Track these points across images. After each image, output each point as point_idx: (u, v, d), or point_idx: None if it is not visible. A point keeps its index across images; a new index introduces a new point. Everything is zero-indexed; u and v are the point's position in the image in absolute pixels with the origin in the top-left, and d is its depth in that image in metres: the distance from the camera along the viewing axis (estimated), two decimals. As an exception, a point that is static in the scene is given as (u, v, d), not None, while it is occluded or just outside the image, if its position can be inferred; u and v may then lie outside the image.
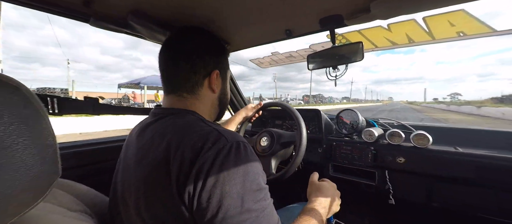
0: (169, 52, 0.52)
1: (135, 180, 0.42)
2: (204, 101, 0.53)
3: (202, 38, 0.54)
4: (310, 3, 0.61)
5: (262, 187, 0.40)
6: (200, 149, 0.38)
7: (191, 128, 0.42)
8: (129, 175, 0.45)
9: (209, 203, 0.35)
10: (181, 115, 0.47)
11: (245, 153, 0.40)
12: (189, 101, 0.51)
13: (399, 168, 0.91)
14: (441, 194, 0.84)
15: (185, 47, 0.51)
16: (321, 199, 0.59)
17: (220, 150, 0.38)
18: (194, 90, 0.51)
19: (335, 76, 0.84)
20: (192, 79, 0.50)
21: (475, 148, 0.86)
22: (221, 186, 0.36)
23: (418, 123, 1.14)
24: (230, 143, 0.39)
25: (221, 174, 0.36)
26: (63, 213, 0.37)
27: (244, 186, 0.37)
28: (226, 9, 0.63)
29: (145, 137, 0.47)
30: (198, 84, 0.51)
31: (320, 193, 0.62)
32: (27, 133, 0.24)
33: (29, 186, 0.24)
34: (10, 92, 0.23)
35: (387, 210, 1.11)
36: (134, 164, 0.44)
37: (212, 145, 0.38)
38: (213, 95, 0.55)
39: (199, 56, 0.51)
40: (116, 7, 0.62)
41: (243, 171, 0.38)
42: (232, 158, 0.38)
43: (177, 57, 0.50)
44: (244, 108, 1.01)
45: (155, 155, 0.41)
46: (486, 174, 0.75)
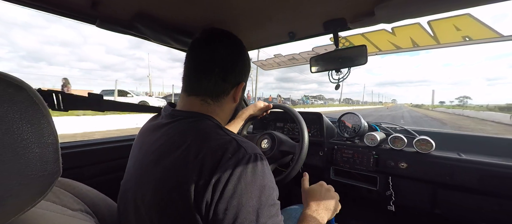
0: (202, 53, 0.50)
1: (152, 180, 0.42)
2: (224, 109, 0.53)
3: (239, 49, 0.53)
4: (314, 6, 0.61)
5: (276, 202, 0.40)
6: (220, 157, 0.38)
7: (211, 135, 0.42)
8: (143, 175, 0.44)
9: (225, 214, 0.35)
10: (201, 120, 0.47)
11: (262, 166, 0.40)
12: (211, 107, 0.50)
13: (401, 174, 0.90)
14: (443, 201, 0.83)
15: (223, 53, 0.50)
16: (313, 205, 0.59)
17: (239, 160, 0.38)
18: (219, 97, 0.51)
19: (338, 79, 0.84)
20: (221, 87, 0.50)
21: (479, 155, 0.84)
22: (238, 197, 0.36)
23: (421, 128, 1.13)
24: (249, 155, 0.39)
25: (239, 185, 0.36)
26: (63, 212, 0.38)
27: (260, 200, 0.37)
28: (230, 12, 0.64)
29: (163, 137, 0.46)
30: (225, 93, 0.51)
31: (311, 198, 0.61)
32: (29, 131, 0.24)
33: (30, 184, 0.24)
34: (13, 90, 0.24)
35: (388, 216, 1.09)
36: (151, 164, 0.44)
37: (231, 155, 0.38)
38: (233, 105, 0.55)
39: (233, 65, 0.51)
40: (122, 9, 0.63)
41: (260, 184, 0.38)
42: (250, 170, 0.38)
43: (212, 62, 0.49)
44: (252, 105, 0.98)
45: (174, 158, 0.40)
46: (490, 182, 0.74)
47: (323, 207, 0.59)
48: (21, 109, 0.23)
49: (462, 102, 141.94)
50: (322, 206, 0.59)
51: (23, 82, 0.25)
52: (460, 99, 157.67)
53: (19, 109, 0.23)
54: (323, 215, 0.57)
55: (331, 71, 0.84)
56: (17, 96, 0.24)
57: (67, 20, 7.10)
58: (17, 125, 0.23)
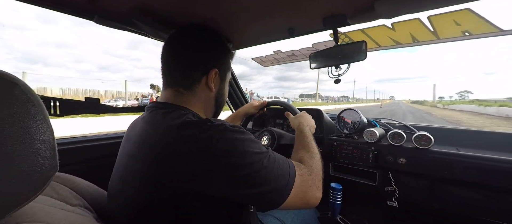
0: (171, 46, 0.53)
1: (135, 175, 0.43)
2: (200, 98, 0.53)
3: (205, 36, 0.55)
4: (314, 2, 0.61)
5: (254, 151, 0.45)
6: (192, 136, 0.40)
7: (181, 120, 0.43)
8: (127, 170, 0.45)
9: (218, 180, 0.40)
10: (172, 110, 0.47)
11: (230, 132, 0.44)
12: (185, 97, 0.51)
13: (400, 169, 0.90)
14: (442, 196, 0.83)
15: (186, 43, 0.52)
16: (299, 125, 0.76)
17: (210, 133, 0.41)
18: (191, 86, 0.52)
19: (338, 75, 0.84)
20: (190, 75, 0.51)
21: (477, 150, 0.85)
22: (224, 163, 0.40)
23: (420, 123, 1.13)
24: (216, 124, 0.43)
25: (222, 153, 0.40)
26: (62, 207, 0.38)
27: (241, 155, 0.42)
28: (229, 8, 0.63)
29: (140, 131, 0.47)
30: (196, 81, 0.52)
31: (297, 121, 0.79)
32: (25, 128, 0.24)
33: (27, 179, 0.24)
34: (8, 87, 0.23)
35: (387, 211, 1.10)
36: (131, 160, 0.45)
37: (203, 130, 0.41)
38: (210, 94, 0.55)
39: (200, 53, 0.52)
40: (120, 5, 0.62)
41: (232, 146, 0.43)
42: (224, 136, 0.42)
43: (178, 52, 0.51)
44: (248, 104, 1.00)
45: (151, 148, 0.41)
46: (488, 176, 0.74)
47: (306, 124, 0.78)
48: (16, 105, 0.23)
49: (463, 97, 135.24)
50: (308, 123, 0.80)
51: (17, 78, 0.25)
52: (461, 94, 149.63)
53: (14, 105, 0.23)
54: (311, 129, 0.78)
55: (330, 67, 0.84)
56: (12, 93, 0.23)
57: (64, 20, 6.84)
58: (13, 121, 0.23)
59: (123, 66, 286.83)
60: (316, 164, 0.56)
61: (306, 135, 0.69)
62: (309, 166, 0.54)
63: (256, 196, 0.40)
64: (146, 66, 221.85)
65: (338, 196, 0.95)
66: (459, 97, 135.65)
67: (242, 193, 0.40)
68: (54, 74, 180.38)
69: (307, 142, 0.65)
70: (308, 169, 0.52)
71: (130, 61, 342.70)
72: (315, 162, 0.56)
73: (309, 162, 0.55)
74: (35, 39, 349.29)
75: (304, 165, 0.53)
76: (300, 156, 0.58)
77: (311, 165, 0.54)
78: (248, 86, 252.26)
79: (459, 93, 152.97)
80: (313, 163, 0.55)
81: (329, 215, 0.99)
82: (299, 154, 0.60)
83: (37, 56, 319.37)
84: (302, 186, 0.46)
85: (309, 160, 0.56)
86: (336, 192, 0.95)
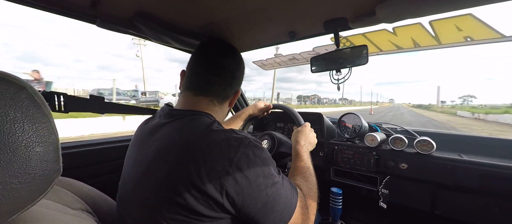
0: (218, 59, 0.56)
1: (155, 179, 0.42)
2: (223, 111, 0.60)
3: (242, 61, 0.61)
4: (315, 6, 0.61)
5: (273, 174, 0.49)
6: (227, 148, 0.43)
7: (212, 129, 0.46)
8: (144, 175, 0.45)
9: (241, 195, 0.42)
10: (200, 117, 0.50)
11: (258, 149, 0.47)
12: (215, 108, 0.56)
13: (401, 174, 0.89)
14: (443, 202, 0.82)
15: (232, 63, 0.57)
16: (300, 140, 0.75)
17: (244, 147, 0.44)
18: (223, 100, 0.57)
19: (338, 79, 0.84)
20: (227, 92, 0.57)
21: (480, 156, 0.84)
22: (249, 180, 0.43)
23: (422, 129, 1.13)
24: (248, 140, 0.46)
25: (249, 169, 0.43)
26: (64, 211, 0.38)
27: (264, 174, 0.45)
28: (231, 12, 0.63)
29: (162, 136, 0.47)
30: (227, 97, 0.58)
31: (299, 136, 0.77)
32: (30, 131, 0.24)
33: (30, 183, 0.24)
34: (16, 91, 0.24)
35: (389, 217, 1.09)
36: (152, 164, 0.44)
37: (237, 144, 0.44)
38: (227, 109, 0.62)
39: (238, 75, 0.59)
40: (122, 9, 0.63)
41: (261, 163, 0.46)
42: (252, 153, 0.45)
43: (226, 69, 0.56)
44: (252, 105, 0.99)
45: (177, 154, 0.42)
46: (491, 182, 0.74)
47: (308, 142, 0.77)
48: (22, 108, 0.24)
49: (466, 102, 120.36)
50: (307, 141, 0.77)
51: (24, 81, 0.25)
52: (464, 99, 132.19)
53: (20, 108, 0.23)
54: (309, 147, 0.77)
55: (332, 71, 0.84)
56: (18, 96, 0.24)
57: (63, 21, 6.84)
58: (18, 124, 0.23)
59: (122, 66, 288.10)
60: (313, 195, 0.57)
61: (303, 159, 0.68)
62: (307, 197, 0.55)
63: (257, 217, 0.43)
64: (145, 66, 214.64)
65: (338, 201, 0.95)
66: (462, 102, 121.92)
67: (246, 211, 0.42)
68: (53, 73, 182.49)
69: (304, 170, 0.65)
70: (305, 201, 0.53)
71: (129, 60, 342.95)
72: (312, 194, 0.57)
73: (307, 192, 0.56)
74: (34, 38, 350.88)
75: (303, 196, 0.54)
76: (298, 185, 0.58)
77: (309, 196, 0.55)
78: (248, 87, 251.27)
79: (462, 97, 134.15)
80: (311, 194, 0.57)
81: (330, 220, 0.98)
82: (297, 182, 0.60)
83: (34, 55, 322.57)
84: (299, 217, 0.48)
85: (307, 190, 0.57)
86: (336, 197, 0.95)
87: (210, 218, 0.41)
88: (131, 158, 0.52)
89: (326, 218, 1.00)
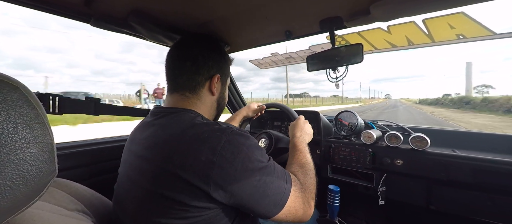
0: (177, 52, 0.57)
1: (145, 177, 0.44)
2: (204, 101, 0.57)
3: (209, 45, 0.59)
4: (310, 5, 0.61)
5: (263, 159, 0.49)
6: (209, 139, 0.43)
7: (194, 123, 0.47)
8: (137, 175, 0.46)
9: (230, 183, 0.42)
10: (181, 113, 0.51)
11: (242, 137, 0.47)
12: (190, 100, 0.55)
13: (397, 171, 0.91)
14: (438, 197, 0.84)
15: (192, 50, 0.56)
16: (297, 132, 0.76)
17: (227, 137, 0.44)
18: (196, 90, 0.55)
19: (336, 77, 0.85)
20: (195, 79, 0.55)
21: (473, 151, 0.86)
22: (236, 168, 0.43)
23: (417, 125, 1.14)
24: (230, 129, 0.46)
25: (234, 158, 0.43)
26: (60, 212, 0.37)
27: (251, 160, 0.45)
28: (226, 10, 0.63)
29: (149, 135, 0.49)
30: (200, 85, 0.56)
31: (295, 129, 0.78)
32: (24, 131, 0.24)
33: (25, 184, 0.24)
34: (9, 90, 0.23)
35: (385, 212, 1.11)
36: (143, 163, 0.46)
37: (220, 133, 0.44)
38: (212, 98, 0.59)
39: (205, 60, 0.56)
40: (117, 8, 0.62)
41: (245, 150, 0.45)
42: (236, 141, 0.45)
43: (185, 58, 0.55)
44: (246, 107, 1.01)
45: (162, 150, 0.44)
46: (483, 177, 0.75)
47: (305, 133, 0.78)
48: (16, 108, 0.23)
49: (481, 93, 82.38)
50: (303, 133, 0.78)
51: (18, 81, 0.25)
52: (479, 89, 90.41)
53: (14, 108, 0.23)
54: (306, 138, 0.77)
55: (329, 70, 0.85)
56: (12, 96, 0.23)
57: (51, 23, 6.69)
58: (12, 125, 0.23)
59: (118, 70, 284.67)
60: (309, 181, 0.57)
61: (300, 149, 0.69)
62: (303, 183, 0.55)
63: (250, 203, 0.43)
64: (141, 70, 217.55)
65: (336, 198, 0.96)
66: (476, 93, 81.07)
67: (237, 198, 0.42)
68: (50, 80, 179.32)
69: (300, 158, 0.65)
70: (301, 186, 0.53)
71: (125, 65, 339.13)
72: (309, 179, 0.58)
73: (303, 179, 0.57)
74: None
75: (298, 182, 0.54)
76: (293, 172, 0.59)
77: (305, 182, 0.56)
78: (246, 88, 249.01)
79: (476, 88, 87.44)
80: (307, 180, 0.57)
81: (327, 217, 0.99)
82: (293, 169, 0.61)
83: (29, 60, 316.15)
84: (295, 202, 0.48)
85: (302, 176, 0.57)
86: (334, 194, 0.96)
87: (202, 209, 0.42)
88: (125, 159, 0.54)
89: (323, 215, 1.01)
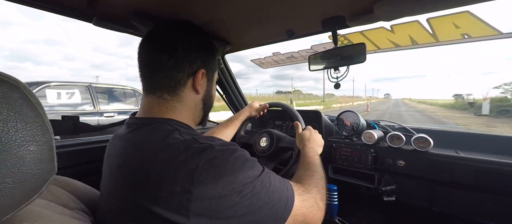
0: (152, 44, 0.46)
1: (115, 196, 0.41)
2: (186, 103, 0.48)
3: (190, 33, 0.49)
4: (313, 4, 0.61)
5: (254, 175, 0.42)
6: (182, 160, 0.36)
7: (169, 141, 0.39)
8: (111, 183, 0.43)
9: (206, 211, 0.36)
10: (157, 126, 0.42)
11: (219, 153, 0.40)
12: (169, 104, 0.46)
13: (399, 171, 0.90)
14: (441, 198, 0.83)
15: (169, 40, 0.45)
16: (307, 143, 0.72)
17: (201, 156, 0.36)
18: (176, 90, 0.46)
19: (336, 77, 0.84)
20: (174, 77, 0.45)
21: (476, 153, 0.85)
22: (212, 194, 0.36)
23: (420, 126, 1.13)
24: (204, 145, 0.38)
25: (212, 180, 0.36)
26: (59, 210, 0.37)
27: (237, 181, 0.38)
28: (228, 10, 0.63)
29: (121, 150, 0.43)
30: (181, 84, 0.46)
31: (305, 139, 0.75)
32: (24, 130, 0.24)
33: (25, 182, 0.24)
34: (9, 89, 0.23)
35: (386, 213, 1.10)
36: (113, 175, 0.43)
37: (192, 153, 0.36)
38: (196, 97, 0.49)
39: (185, 52, 0.45)
40: (119, 7, 0.62)
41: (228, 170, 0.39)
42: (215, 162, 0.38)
43: (160, 51, 0.44)
44: (248, 107, 1.00)
45: (133, 172, 0.38)
46: (486, 178, 0.74)
47: (315, 144, 0.74)
48: (16, 107, 0.23)
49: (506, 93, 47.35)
50: (314, 143, 0.74)
51: (17, 80, 0.25)
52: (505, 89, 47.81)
53: (14, 107, 0.23)
54: (317, 149, 0.73)
55: (330, 70, 0.84)
56: (11, 94, 0.23)
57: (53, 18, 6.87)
58: (12, 123, 0.23)
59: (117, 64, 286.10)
60: (316, 182, 0.53)
61: (307, 155, 0.66)
62: (309, 184, 0.51)
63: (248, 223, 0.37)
64: None
65: (333, 196, 0.95)
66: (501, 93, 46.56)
67: (229, 221, 0.36)
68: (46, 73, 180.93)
69: (306, 162, 0.63)
70: (306, 187, 0.49)
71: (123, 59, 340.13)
72: (315, 180, 0.54)
73: (309, 180, 0.53)
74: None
75: (303, 185, 0.50)
76: (300, 175, 0.57)
77: (311, 182, 0.52)
78: (246, 85, 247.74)
79: (500, 87, 38.65)
80: (313, 181, 0.53)
81: (327, 217, 0.99)
82: (299, 173, 0.59)
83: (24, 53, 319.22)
84: (302, 208, 0.43)
85: (308, 178, 0.54)
86: (331, 193, 0.95)
87: None
88: (104, 163, 0.49)
89: None
